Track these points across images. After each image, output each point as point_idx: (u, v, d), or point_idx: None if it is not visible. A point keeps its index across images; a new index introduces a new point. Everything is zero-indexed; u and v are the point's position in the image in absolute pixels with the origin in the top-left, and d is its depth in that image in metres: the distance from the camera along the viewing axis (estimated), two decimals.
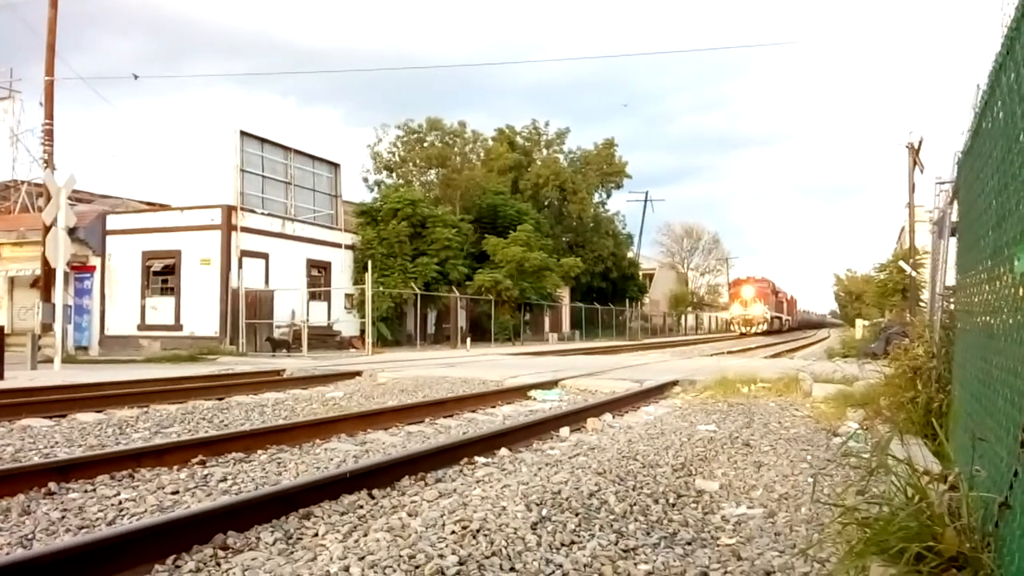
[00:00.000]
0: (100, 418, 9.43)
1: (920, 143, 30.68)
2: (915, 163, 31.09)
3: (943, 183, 8.10)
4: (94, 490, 5.45)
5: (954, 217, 6.94)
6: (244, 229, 28.40)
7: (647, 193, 73.30)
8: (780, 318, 72.74)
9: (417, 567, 3.58)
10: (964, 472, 3.26)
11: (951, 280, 7.23)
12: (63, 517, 4.71)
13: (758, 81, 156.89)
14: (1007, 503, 2.53)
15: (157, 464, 6.27)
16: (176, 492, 5.41)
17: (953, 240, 7.12)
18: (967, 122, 5.00)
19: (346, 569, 3.56)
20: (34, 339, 19.05)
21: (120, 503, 5.08)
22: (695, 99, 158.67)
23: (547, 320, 48.53)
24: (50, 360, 18.53)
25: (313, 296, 30.56)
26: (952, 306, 7.03)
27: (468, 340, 34.57)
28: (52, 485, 5.41)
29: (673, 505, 5.00)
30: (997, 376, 3.11)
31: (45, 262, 20.94)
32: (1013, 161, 2.91)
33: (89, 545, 3.70)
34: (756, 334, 60.45)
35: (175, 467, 6.27)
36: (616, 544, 4.09)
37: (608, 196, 62.34)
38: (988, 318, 3.55)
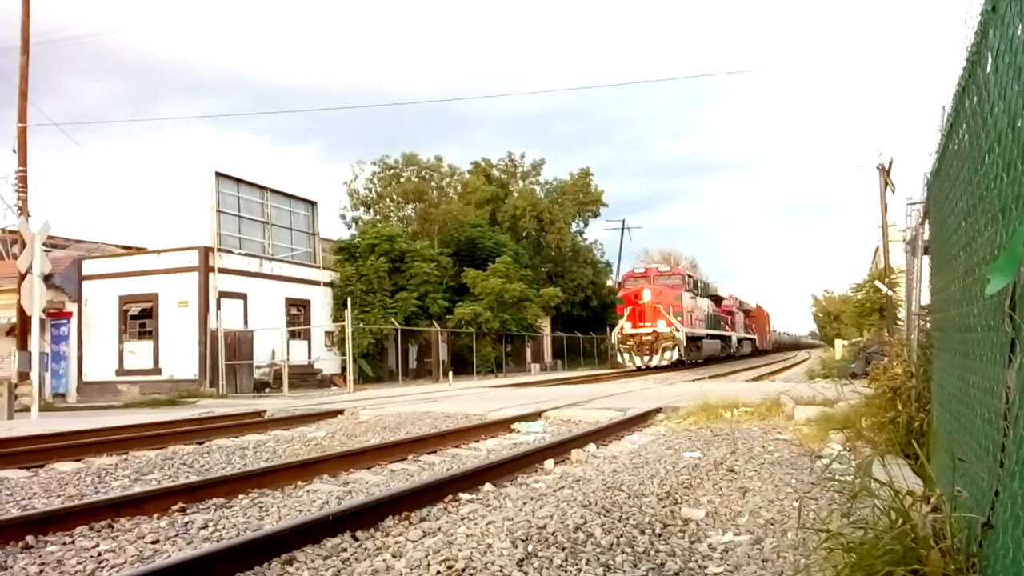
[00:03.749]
0: (79, 467, 9.30)
1: (890, 164, 31.08)
2: (886, 183, 31.45)
3: (914, 203, 8.17)
4: (72, 542, 5.35)
5: (926, 236, 7.01)
6: (222, 270, 28.28)
7: (624, 221, 73.39)
8: (723, 338, 48.14)
9: None
10: (946, 493, 3.27)
11: (926, 299, 7.29)
12: (41, 572, 4.63)
13: (730, 106, 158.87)
14: (990, 523, 2.54)
15: (137, 513, 6.18)
16: (156, 541, 5.33)
17: (926, 259, 7.19)
18: (935, 143, 5.08)
19: None
20: (11, 388, 18.80)
21: (99, 555, 4.98)
22: (668, 125, 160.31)
23: (529, 351, 48.47)
24: (27, 409, 18.27)
25: (293, 335, 30.37)
26: (928, 325, 7.08)
27: (450, 374, 34.43)
28: (30, 539, 5.32)
29: (660, 535, 4.98)
30: (974, 395, 3.13)
31: (20, 310, 20.70)
32: (979, 183, 2.94)
33: None
34: (660, 367, 35.59)
35: (155, 515, 6.18)
36: None
37: (585, 225, 62.86)
38: (963, 337, 3.57)
